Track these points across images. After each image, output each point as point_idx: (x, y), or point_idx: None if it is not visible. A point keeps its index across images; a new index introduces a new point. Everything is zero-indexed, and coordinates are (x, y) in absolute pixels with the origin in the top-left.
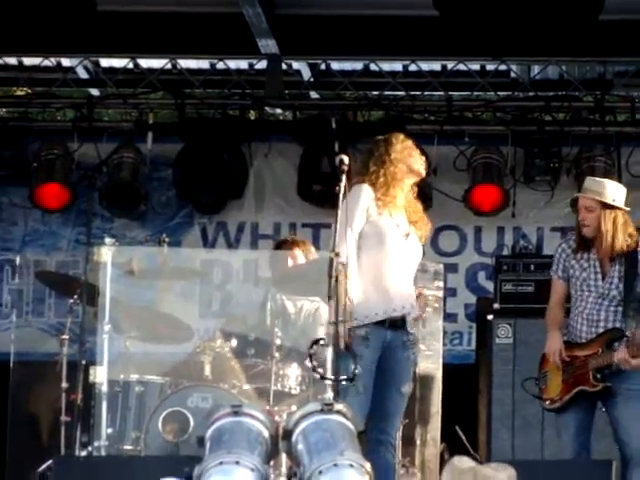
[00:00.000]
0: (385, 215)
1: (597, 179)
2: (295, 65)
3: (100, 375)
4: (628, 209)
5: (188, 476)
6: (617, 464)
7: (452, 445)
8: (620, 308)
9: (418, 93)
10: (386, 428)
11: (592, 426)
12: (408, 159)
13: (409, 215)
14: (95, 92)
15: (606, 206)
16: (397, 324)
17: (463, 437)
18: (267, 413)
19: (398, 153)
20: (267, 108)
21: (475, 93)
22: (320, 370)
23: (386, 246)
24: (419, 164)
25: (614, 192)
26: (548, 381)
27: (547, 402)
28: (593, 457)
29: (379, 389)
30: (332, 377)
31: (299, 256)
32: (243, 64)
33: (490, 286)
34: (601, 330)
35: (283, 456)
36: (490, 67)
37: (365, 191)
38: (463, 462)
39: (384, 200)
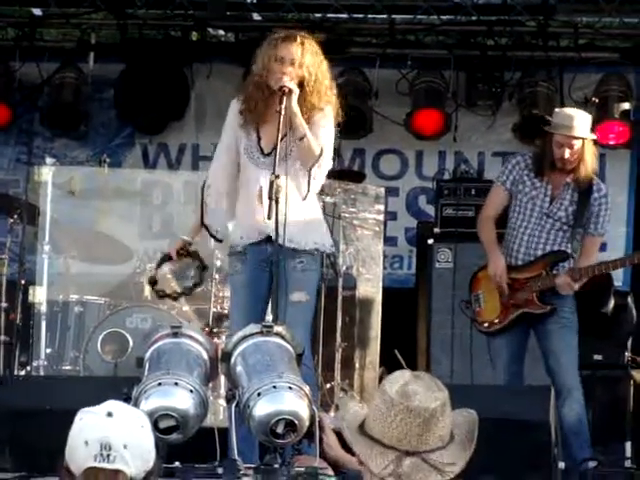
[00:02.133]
0: (249, 130)
1: (569, 112)
2: None
3: (39, 295)
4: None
5: (127, 397)
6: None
7: (391, 369)
8: (564, 231)
9: (361, 16)
10: None
11: (524, 355)
12: (266, 69)
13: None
14: (37, 11)
15: (584, 139)
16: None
17: (402, 361)
18: (206, 335)
19: (257, 61)
20: (209, 29)
21: (418, 17)
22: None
23: (246, 163)
24: (275, 78)
25: (589, 123)
26: (483, 303)
27: (485, 324)
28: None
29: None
30: None
31: None
32: None
33: (431, 210)
34: (539, 252)
35: (222, 378)
36: None
37: (232, 105)
38: (394, 382)
39: (246, 114)
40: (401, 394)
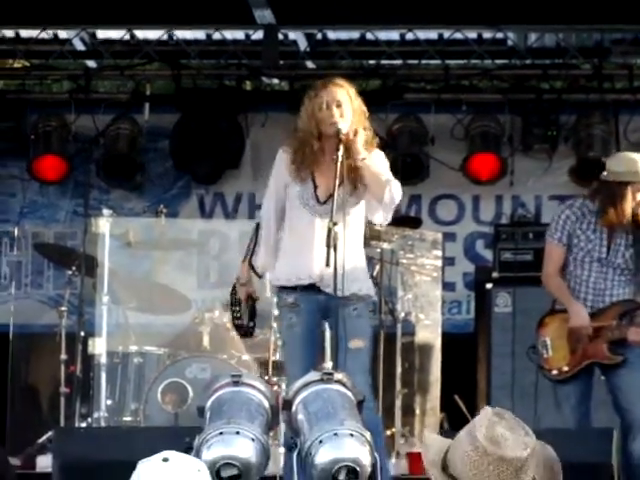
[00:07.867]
0: (303, 178)
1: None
2: (291, 35)
3: (99, 346)
4: None
5: (188, 446)
6: (617, 433)
7: (451, 414)
8: (625, 277)
9: (415, 62)
10: None
11: (592, 394)
12: (315, 118)
13: (342, 176)
14: (92, 64)
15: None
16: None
17: (462, 406)
18: (267, 383)
19: (306, 111)
20: (263, 78)
21: (472, 61)
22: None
23: (298, 209)
24: (327, 122)
25: None
26: (551, 350)
27: (553, 372)
28: (593, 426)
29: (336, 351)
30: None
31: None
32: (239, 34)
33: (489, 255)
34: (607, 300)
35: (282, 426)
36: (487, 35)
37: (280, 155)
38: (480, 426)
39: (299, 165)
40: (491, 441)
